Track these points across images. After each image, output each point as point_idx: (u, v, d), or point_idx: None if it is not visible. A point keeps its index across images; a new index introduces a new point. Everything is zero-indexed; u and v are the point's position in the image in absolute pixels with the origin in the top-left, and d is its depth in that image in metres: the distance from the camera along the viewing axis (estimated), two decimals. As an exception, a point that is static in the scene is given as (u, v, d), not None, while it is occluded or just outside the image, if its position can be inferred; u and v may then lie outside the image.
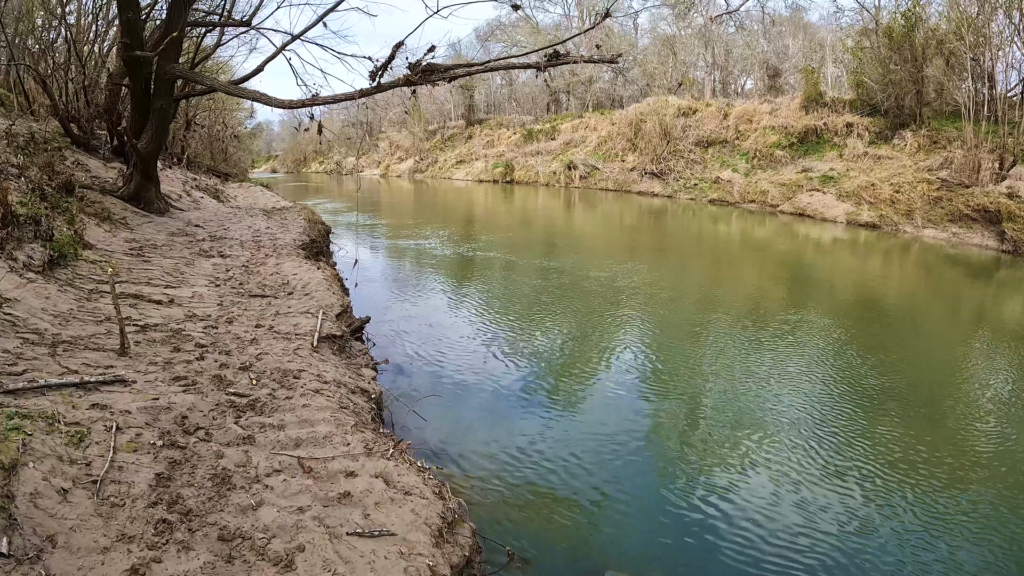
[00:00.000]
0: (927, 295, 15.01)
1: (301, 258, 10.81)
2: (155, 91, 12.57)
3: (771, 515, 5.45)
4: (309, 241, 13.04)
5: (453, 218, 29.08)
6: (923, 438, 6.87)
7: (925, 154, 30.77)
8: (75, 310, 7.07)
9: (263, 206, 18.24)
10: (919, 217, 26.82)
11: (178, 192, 16.78)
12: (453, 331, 10.53)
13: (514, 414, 7.38)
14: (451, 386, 8.20)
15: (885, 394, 8.14)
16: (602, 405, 7.68)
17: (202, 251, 11.09)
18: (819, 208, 30.20)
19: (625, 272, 15.76)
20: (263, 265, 10.17)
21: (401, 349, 9.48)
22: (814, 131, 34.26)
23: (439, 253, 18.27)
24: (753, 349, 9.98)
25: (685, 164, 36.26)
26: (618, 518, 5.32)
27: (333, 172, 72.98)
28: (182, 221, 14.20)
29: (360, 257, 16.22)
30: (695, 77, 44.90)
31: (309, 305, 8.01)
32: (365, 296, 11.79)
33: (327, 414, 4.96)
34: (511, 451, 6.35)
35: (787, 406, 7.72)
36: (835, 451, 6.58)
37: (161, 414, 4.72)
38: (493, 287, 14.37)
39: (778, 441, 6.79)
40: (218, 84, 12.44)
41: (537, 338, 10.46)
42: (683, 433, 6.99)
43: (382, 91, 10.16)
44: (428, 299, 12.90)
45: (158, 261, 9.96)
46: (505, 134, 51.20)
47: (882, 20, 35.31)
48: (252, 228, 13.67)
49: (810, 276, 17.25)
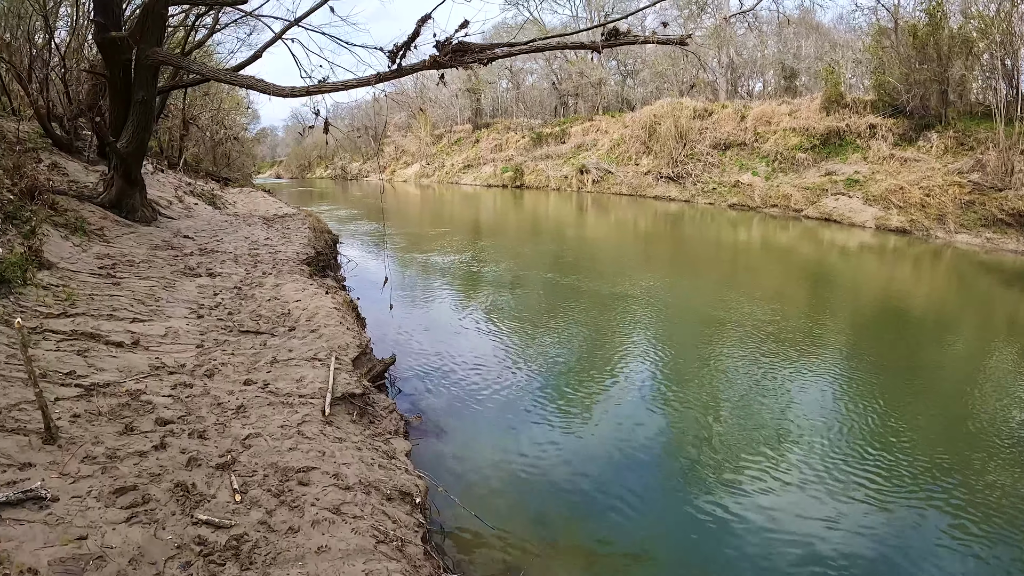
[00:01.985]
0: (959, 304, 13.56)
1: (305, 276, 8.75)
2: (135, 80, 10.51)
3: (789, 533, 5.01)
4: (315, 254, 11.00)
5: (466, 226, 27.02)
6: (955, 458, 6.16)
7: (953, 156, 28.97)
8: (0, 362, 5.01)
9: (264, 213, 16.17)
10: (951, 222, 24.95)
11: (169, 198, 14.73)
12: (487, 365, 8.43)
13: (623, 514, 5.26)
14: (508, 460, 6.01)
15: (914, 410, 7.36)
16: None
17: (187, 269, 9.02)
18: (846, 212, 28.23)
19: (666, 288, 13.73)
20: (259, 287, 8.10)
21: (432, 391, 7.40)
22: (836, 133, 32.34)
23: (458, 267, 15.97)
24: (785, 370, 8.74)
25: (703, 167, 34.19)
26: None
27: (338, 177, 70.89)
28: (170, 231, 12.15)
29: (371, 268, 14.39)
30: (706, 79, 42.83)
31: (317, 347, 5.94)
32: (376, 319, 9.72)
33: (359, 566, 2.90)
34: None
35: (807, 423, 6.98)
36: (862, 474, 5.86)
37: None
38: (523, 308, 12.23)
39: (798, 458, 6.17)
40: (207, 70, 10.33)
41: (598, 380, 8.38)
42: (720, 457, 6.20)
43: (403, 75, 8.11)
44: (452, 323, 10.77)
45: (130, 284, 7.90)
46: (513, 137, 49.08)
47: (901, 18, 33.67)
48: (249, 239, 11.61)
49: (841, 285, 15.36)
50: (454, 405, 7.02)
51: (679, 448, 6.46)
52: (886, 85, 31.72)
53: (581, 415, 7.04)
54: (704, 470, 5.93)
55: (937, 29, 29.27)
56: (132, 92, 10.69)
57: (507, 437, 6.38)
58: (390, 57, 7.98)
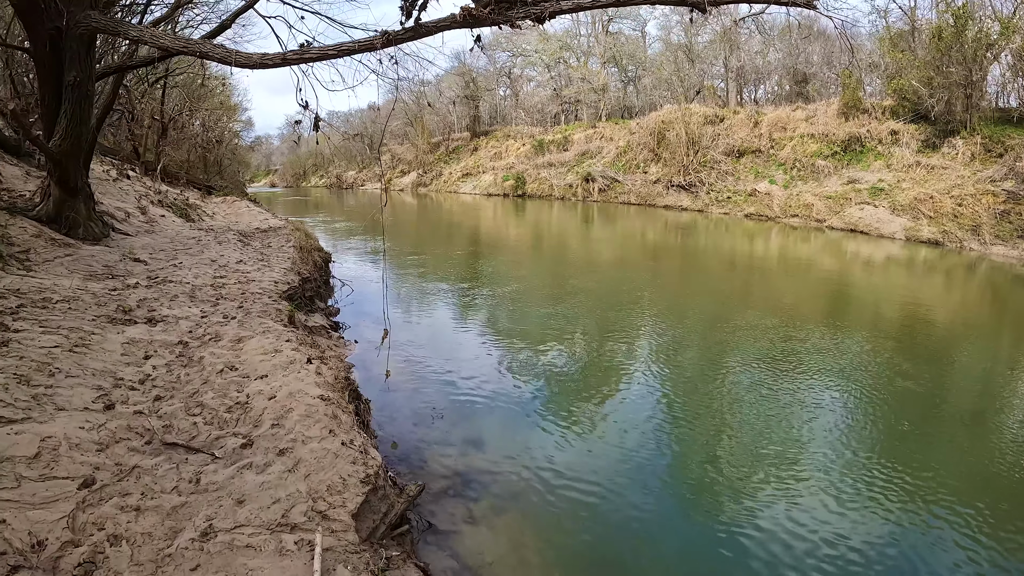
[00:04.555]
0: (994, 321, 11.87)
1: (281, 324, 6.05)
2: (66, 57, 7.79)
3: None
4: (299, 283, 8.27)
5: (471, 240, 24.34)
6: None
7: (981, 163, 26.90)
8: None
9: (245, 227, 13.41)
10: (986, 233, 22.71)
11: (129, 209, 11.97)
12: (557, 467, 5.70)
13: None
14: None
15: (945, 437, 6.38)
16: None
17: (121, 311, 6.30)
18: (873, 223, 25.89)
19: (716, 324, 11.09)
20: (214, 342, 5.40)
21: (479, 520, 4.62)
22: (857, 139, 30.05)
23: (478, 299, 12.49)
24: (805, 390, 7.48)
25: (717, 175, 31.65)
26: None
27: (333, 186, 67.95)
28: (120, 251, 9.41)
29: (370, 295, 11.43)
30: (714, 84, 40.39)
31: (288, 492, 3.22)
32: (386, 398, 6.95)
33: None
34: None
35: (825, 451, 5.95)
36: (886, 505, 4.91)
37: None
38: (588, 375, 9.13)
39: (818, 484, 5.21)
40: (148, 34, 7.41)
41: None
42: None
43: (421, 35, 5.45)
44: (487, 398, 7.21)
45: (24, 343, 5.19)
46: (514, 145, 46.35)
47: (918, 20, 31.58)
48: (217, 263, 8.87)
49: (874, 301, 13.14)
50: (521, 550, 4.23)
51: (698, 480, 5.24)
52: (906, 89, 29.52)
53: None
54: (730, 504, 5.05)
55: (962, 31, 27.28)
56: (63, 73, 7.96)
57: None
58: (403, 10, 5.31)
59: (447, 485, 4.94)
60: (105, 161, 16.71)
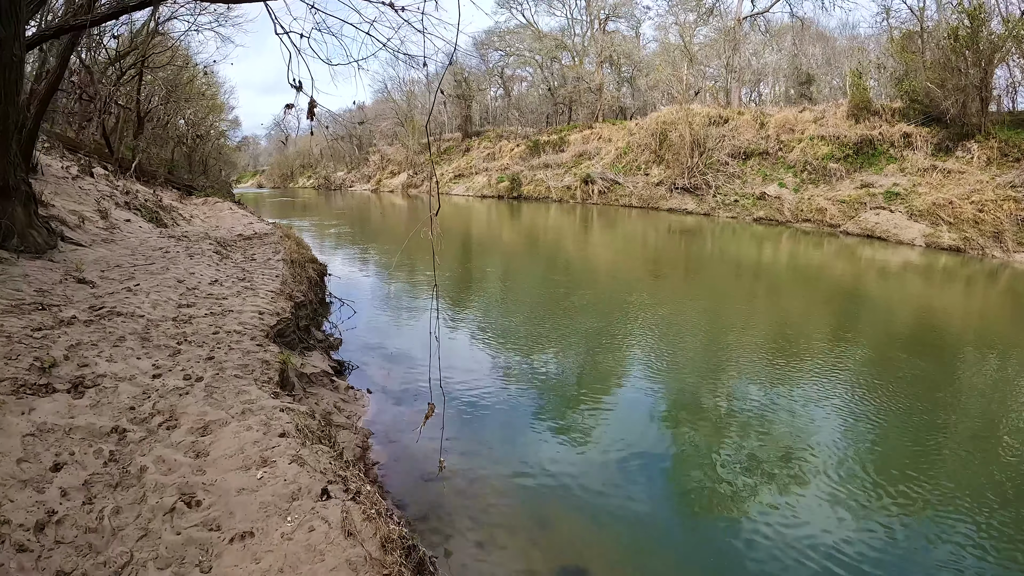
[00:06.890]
0: (1016, 332, 10.67)
1: (268, 393, 4.03)
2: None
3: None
4: (291, 312, 6.22)
5: (468, 247, 22.34)
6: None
7: (998, 168, 25.57)
8: None
9: (226, 233, 11.27)
10: (1009, 240, 21.36)
11: (87, 212, 9.83)
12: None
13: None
14: None
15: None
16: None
17: (38, 370, 4.24)
18: (890, 229, 24.40)
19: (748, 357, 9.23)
20: (166, 434, 3.37)
21: None
22: (868, 142, 28.53)
23: (479, 328, 9.84)
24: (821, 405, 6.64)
25: (724, 178, 29.91)
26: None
27: (321, 187, 65.36)
28: (64, 269, 7.30)
29: (378, 321, 9.32)
30: (714, 84, 38.70)
31: None
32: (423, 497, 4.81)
33: None
34: None
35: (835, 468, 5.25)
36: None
37: None
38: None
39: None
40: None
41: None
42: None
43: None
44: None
45: None
46: (508, 146, 44.26)
47: (927, 20, 30.19)
48: (186, 283, 6.79)
49: (907, 313, 11.45)
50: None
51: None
52: (918, 91, 28.09)
53: None
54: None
55: (978, 32, 25.91)
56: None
57: None
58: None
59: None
60: (68, 157, 14.50)
